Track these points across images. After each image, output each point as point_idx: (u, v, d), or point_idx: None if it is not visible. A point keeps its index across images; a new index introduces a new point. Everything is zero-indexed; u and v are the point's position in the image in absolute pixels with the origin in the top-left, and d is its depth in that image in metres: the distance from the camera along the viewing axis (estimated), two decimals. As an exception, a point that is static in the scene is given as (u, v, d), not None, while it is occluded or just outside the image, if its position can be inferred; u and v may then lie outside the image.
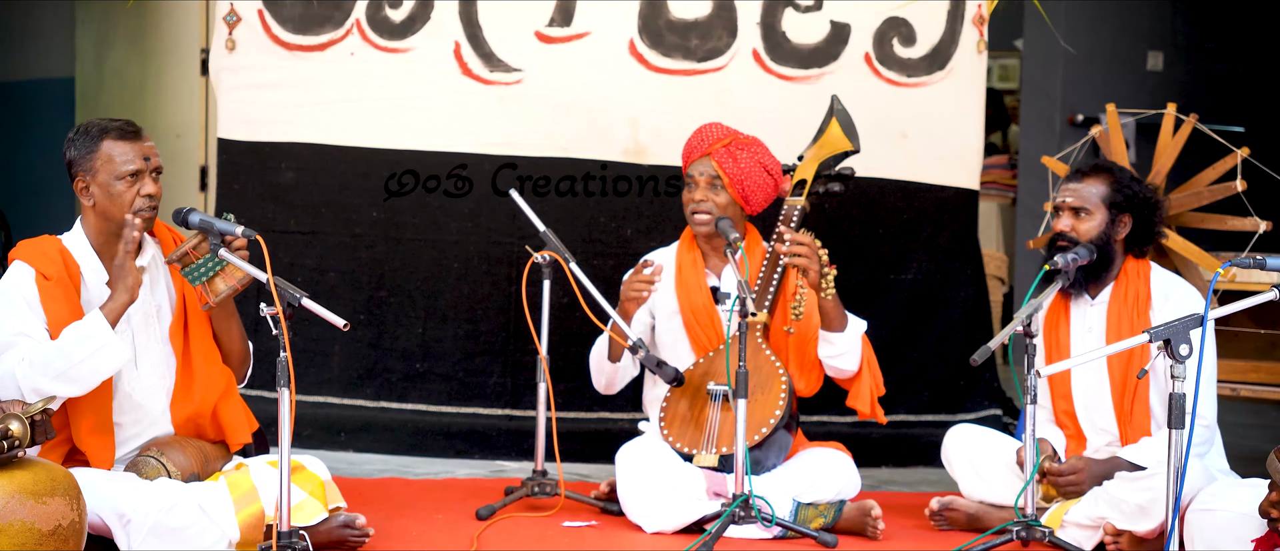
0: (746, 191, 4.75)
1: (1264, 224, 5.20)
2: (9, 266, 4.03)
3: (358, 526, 4.15)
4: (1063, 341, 4.57)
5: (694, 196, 4.77)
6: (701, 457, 4.52)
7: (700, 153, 4.78)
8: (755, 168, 4.76)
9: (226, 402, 4.15)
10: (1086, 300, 4.57)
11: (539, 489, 4.72)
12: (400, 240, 5.68)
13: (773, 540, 4.39)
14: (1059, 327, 4.59)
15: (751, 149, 4.78)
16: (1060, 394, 4.57)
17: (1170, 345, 3.69)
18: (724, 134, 4.80)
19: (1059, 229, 4.52)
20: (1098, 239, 4.48)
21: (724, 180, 4.74)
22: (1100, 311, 4.54)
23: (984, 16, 5.78)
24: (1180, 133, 5.37)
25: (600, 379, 4.85)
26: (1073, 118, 7.53)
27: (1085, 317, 4.57)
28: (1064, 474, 4.37)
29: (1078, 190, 4.52)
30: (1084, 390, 4.55)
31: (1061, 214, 4.53)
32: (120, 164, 3.98)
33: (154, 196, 4.02)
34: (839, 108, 5.03)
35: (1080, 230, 4.49)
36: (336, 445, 5.57)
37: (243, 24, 5.60)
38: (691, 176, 4.79)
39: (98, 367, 3.87)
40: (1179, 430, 3.68)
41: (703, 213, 4.75)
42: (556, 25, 5.65)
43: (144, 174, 4.00)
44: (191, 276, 3.99)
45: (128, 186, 3.99)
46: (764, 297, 4.75)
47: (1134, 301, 4.49)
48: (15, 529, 3.46)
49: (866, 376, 4.74)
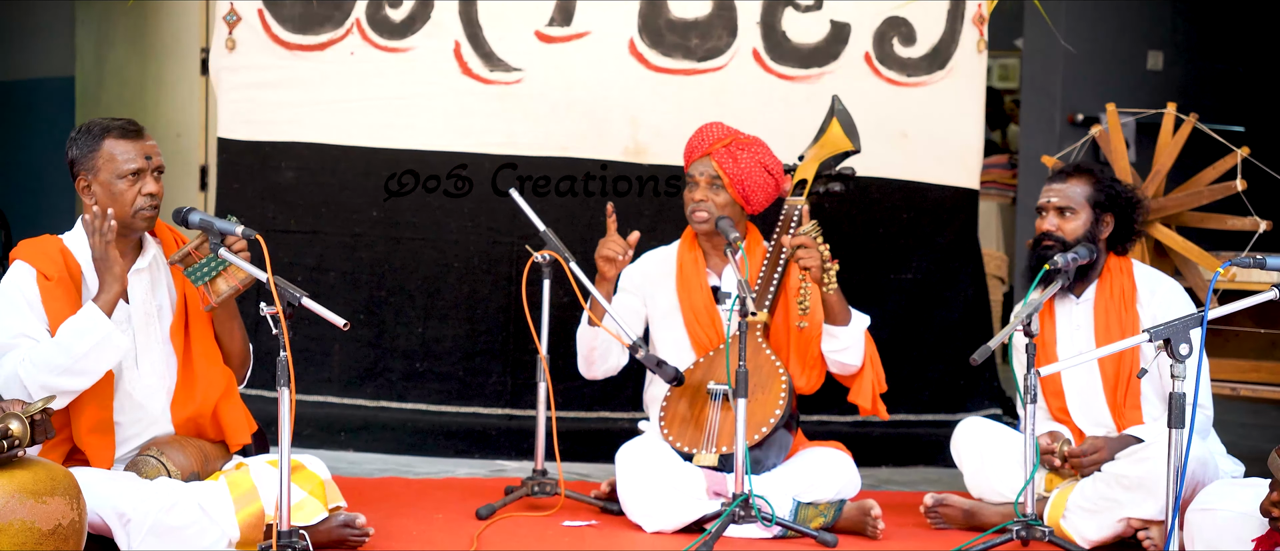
0: (747, 191, 4.75)
1: (1264, 223, 5.21)
2: (10, 266, 4.04)
3: (358, 526, 4.15)
4: (1050, 340, 4.61)
5: (694, 196, 4.77)
6: (701, 457, 4.52)
7: (701, 152, 4.79)
8: (756, 168, 4.76)
9: (227, 403, 4.15)
10: (1072, 299, 4.62)
11: (539, 488, 4.72)
12: (400, 239, 5.68)
13: (773, 539, 4.39)
14: (1046, 326, 4.62)
15: (752, 149, 4.78)
16: (1052, 392, 4.60)
17: (1170, 345, 3.71)
18: (725, 134, 4.80)
19: (1044, 228, 4.58)
20: (1083, 238, 4.54)
21: (724, 180, 4.74)
22: (1087, 309, 4.59)
23: (984, 16, 5.78)
24: (1180, 132, 5.37)
25: (583, 356, 4.81)
26: (1073, 117, 7.53)
27: (1073, 316, 4.61)
28: (1087, 453, 4.40)
29: (1062, 190, 4.58)
30: (1076, 387, 4.58)
31: (1046, 214, 4.59)
32: (122, 163, 3.98)
33: (155, 195, 4.02)
34: (840, 108, 5.03)
35: (1066, 229, 4.55)
36: (336, 444, 5.57)
37: (243, 23, 5.60)
38: (692, 176, 4.79)
39: (100, 359, 3.88)
40: (1179, 430, 3.68)
41: (702, 212, 4.75)
42: (556, 25, 5.65)
43: (145, 173, 4.00)
44: (194, 277, 4.00)
45: (129, 185, 3.98)
46: (764, 297, 4.75)
47: (1120, 297, 4.56)
48: (15, 528, 3.46)
49: (869, 371, 4.74)
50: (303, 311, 3.83)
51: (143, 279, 4.11)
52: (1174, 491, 3.68)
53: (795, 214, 4.85)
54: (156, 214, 4.05)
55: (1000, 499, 4.55)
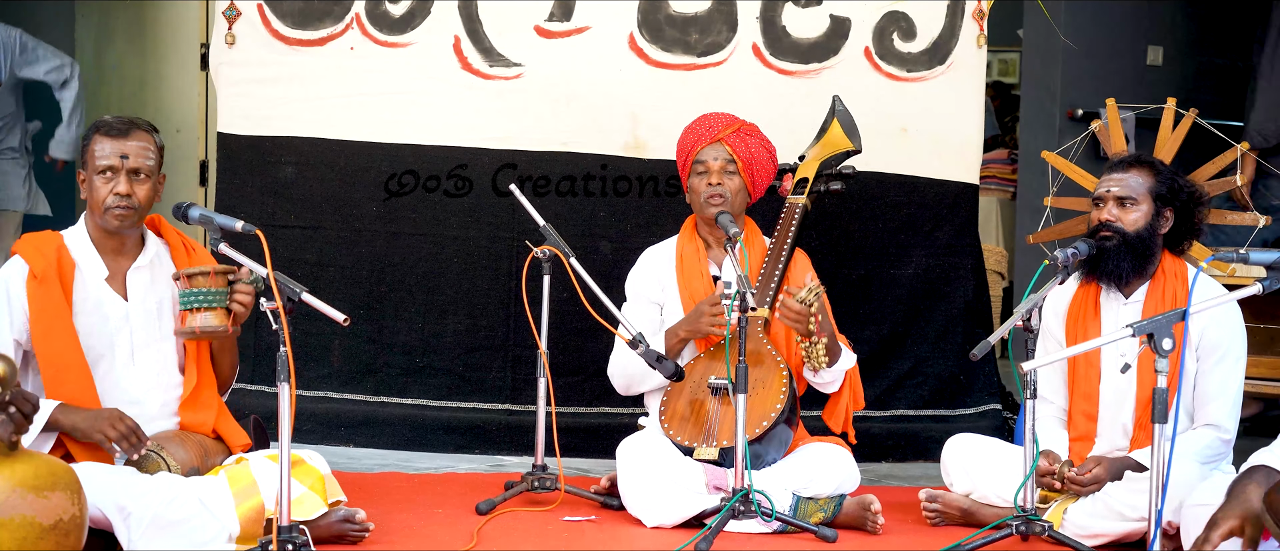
0: (755, 175, 4.82)
1: (1263, 218, 5.21)
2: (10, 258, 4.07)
3: (358, 521, 4.16)
4: (1090, 335, 4.46)
5: (710, 180, 4.78)
6: (702, 451, 4.52)
7: (710, 138, 4.80)
8: (763, 152, 4.85)
9: (221, 420, 4.21)
10: (1119, 297, 4.49)
11: (539, 483, 4.72)
12: (400, 235, 5.68)
13: (773, 534, 4.40)
14: (1087, 319, 4.51)
15: (758, 135, 4.89)
16: (1083, 394, 4.50)
17: (1153, 339, 3.65)
18: (732, 121, 4.85)
19: (1103, 218, 4.42)
20: (1142, 231, 4.40)
21: (738, 164, 4.78)
22: (1135, 311, 4.43)
23: (984, 11, 5.78)
24: (1180, 127, 5.37)
25: (621, 375, 4.84)
26: (1072, 112, 7.52)
27: (1119, 316, 4.46)
28: (1086, 482, 4.29)
29: (1123, 180, 4.44)
30: (1112, 389, 4.47)
31: (1105, 203, 4.44)
32: (98, 160, 4.02)
33: (124, 196, 4.02)
34: (841, 108, 5.04)
35: (1125, 220, 4.41)
36: (336, 440, 5.57)
37: (242, 19, 5.60)
38: (704, 162, 4.80)
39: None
40: (1162, 424, 3.65)
41: (719, 196, 4.76)
42: (556, 20, 5.65)
43: (119, 172, 4.01)
44: (185, 299, 3.99)
45: (104, 183, 4.03)
46: (765, 293, 4.76)
47: (1172, 303, 4.38)
48: (16, 522, 3.46)
49: (845, 397, 4.76)
50: (303, 307, 3.83)
51: (142, 275, 4.12)
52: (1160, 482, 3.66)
53: (798, 212, 4.86)
54: (131, 215, 4.04)
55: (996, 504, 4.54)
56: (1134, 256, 4.42)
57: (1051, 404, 4.62)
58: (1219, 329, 4.34)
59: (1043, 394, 4.52)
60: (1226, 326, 4.37)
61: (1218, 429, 4.36)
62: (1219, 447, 4.35)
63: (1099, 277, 4.48)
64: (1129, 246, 4.42)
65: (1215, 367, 4.36)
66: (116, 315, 4.08)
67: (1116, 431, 4.47)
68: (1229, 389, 4.36)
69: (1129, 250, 4.42)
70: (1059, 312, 4.60)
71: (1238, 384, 4.38)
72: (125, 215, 4.03)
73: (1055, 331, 4.60)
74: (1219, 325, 4.35)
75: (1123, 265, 4.42)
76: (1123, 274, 4.43)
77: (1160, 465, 3.68)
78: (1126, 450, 4.43)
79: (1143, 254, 4.43)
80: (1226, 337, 4.36)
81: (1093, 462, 4.35)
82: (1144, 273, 4.46)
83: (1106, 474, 4.32)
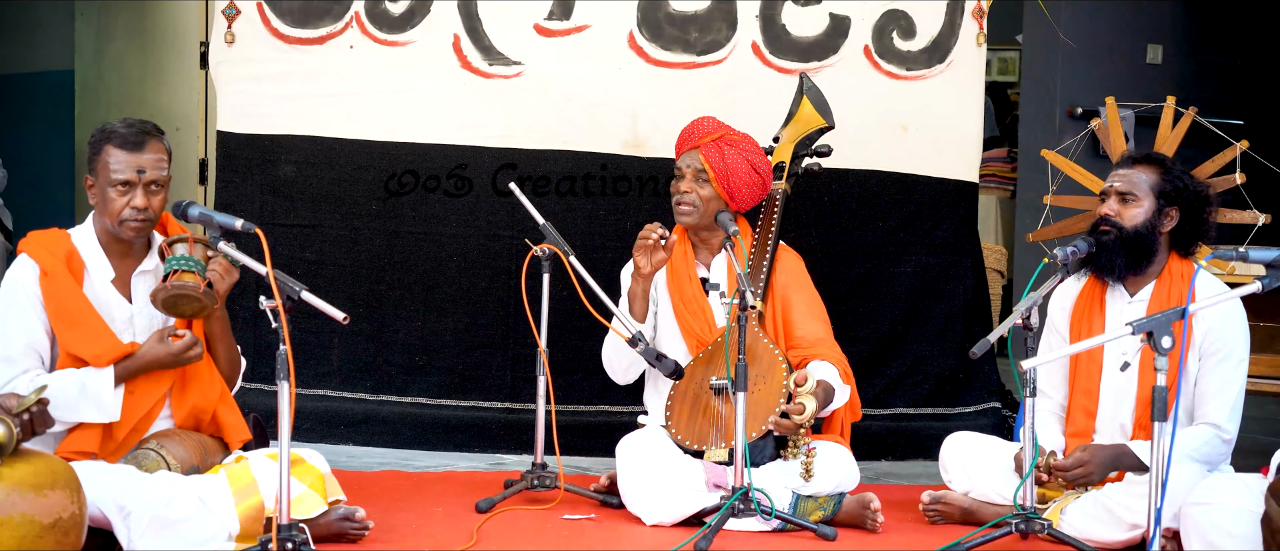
0: (731, 187, 4.75)
1: (1263, 217, 5.21)
2: (16, 257, 4.06)
3: (357, 519, 4.16)
4: (1094, 331, 4.43)
5: (680, 187, 4.79)
6: (713, 453, 4.52)
7: (689, 145, 4.81)
8: (742, 165, 4.76)
9: (223, 407, 4.19)
10: (1123, 295, 4.48)
11: (539, 482, 4.72)
12: (399, 233, 5.68)
13: (772, 532, 4.40)
14: (1092, 317, 4.49)
15: (741, 146, 4.79)
16: (1083, 390, 4.49)
17: (1152, 338, 3.63)
18: (715, 128, 4.81)
19: (1103, 213, 4.41)
20: (1142, 228, 4.38)
21: (709, 174, 4.75)
22: (1140, 310, 4.41)
23: (983, 9, 5.78)
24: (1179, 126, 5.36)
25: (614, 366, 4.84)
26: (1072, 110, 7.52)
27: (1123, 314, 4.44)
28: (1070, 468, 4.30)
29: (1127, 175, 4.42)
30: (1112, 387, 4.47)
31: (1108, 198, 4.42)
32: (114, 173, 4.01)
33: (143, 209, 4.02)
34: (809, 85, 5.01)
35: (1125, 216, 4.39)
36: (336, 438, 5.57)
37: (242, 17, 5.60)
38: (679, 168, 4.82)
39: (86, 415, 3.98)
40: (1162, 422, 3.64)
41: (686, 204, 4.77)
42: (556, 18, 5.65)
43: (136, 186, 4.01)
44: (170, 262, 3.98)
45: (119, 195, 4.02)
46: (755, 285, 4.76)
47: (1177, 303, 4.33)
48: (16, 521, 3.46)
49: (841, 413, 4.75)
50: (302, 305, 3.83)
51: (146, 280, 4.14)
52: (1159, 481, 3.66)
53: (778, 197, 4.84)
54: (146, 226, 4.05)
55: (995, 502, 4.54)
56: (1130, 252, 4.41)
57: (1049, 399, 4.61)
58: (1223, 330, 4.34)
59: (1042, 388, 4.52)
60: (1230, 327, 4.36)
61: (1217, 429, 4.36)
62: (1218, 447, 4.35)
63: (1096, 273, 4.48)
64: (1125, 242, 4.41)
65: (1217, 368, 4.36)
66: (121, 317, 4.09)
67: (1115, 429, 4.47)
68: (1229, 389, 4.36)
69: (1124, 246, 4.41)
70: (1065, 308, 4.60)
71: (1239, 385, 4.38)
72: (142, 227, 4.05)
73: (1060, 326, 4.60)
74: (1223, 326, 4.35)
75: (1117, 260, 4.41)
76: (1117, 269, 4.42)
77: (1160, 463, 3.67)
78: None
79: (1140, 250, 4.41)
80: (1230, 338, 4.36)
81: (1079, 451, 4.33)
82: (1143, 270, 4.44)
83: (1094, 462, 4.29)
